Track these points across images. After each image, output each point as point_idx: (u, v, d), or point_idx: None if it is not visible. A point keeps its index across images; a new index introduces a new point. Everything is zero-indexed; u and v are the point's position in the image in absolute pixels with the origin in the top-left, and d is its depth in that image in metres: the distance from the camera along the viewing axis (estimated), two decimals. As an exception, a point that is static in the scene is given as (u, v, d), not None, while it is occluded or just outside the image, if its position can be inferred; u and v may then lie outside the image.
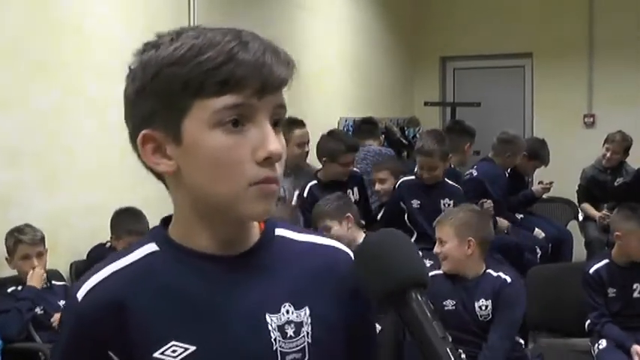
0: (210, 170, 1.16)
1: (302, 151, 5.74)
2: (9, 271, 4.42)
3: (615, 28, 8.70)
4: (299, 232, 1.35)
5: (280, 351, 1.22)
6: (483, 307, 3.72)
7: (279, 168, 1.18)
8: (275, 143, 1.16)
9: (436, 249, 3.83)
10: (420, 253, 1.22)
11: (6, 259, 4.36)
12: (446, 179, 5.16)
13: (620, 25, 8.67)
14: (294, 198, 5.50)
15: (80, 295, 1.20)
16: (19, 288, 4.24)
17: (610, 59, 8.76)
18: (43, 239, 4.36)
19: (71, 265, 4.85)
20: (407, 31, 9.55)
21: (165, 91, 1.15)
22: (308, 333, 1.25)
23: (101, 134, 5.06)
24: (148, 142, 1.19)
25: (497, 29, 9.18)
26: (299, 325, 1.24)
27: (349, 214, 4.45)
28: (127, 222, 4.71)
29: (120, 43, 5.15)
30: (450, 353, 1.10)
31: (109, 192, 5.16)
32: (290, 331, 1.23)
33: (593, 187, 7.06)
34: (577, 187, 7.22)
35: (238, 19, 6.29)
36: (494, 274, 3.79)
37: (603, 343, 4.18)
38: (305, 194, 5.36)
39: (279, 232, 1.31)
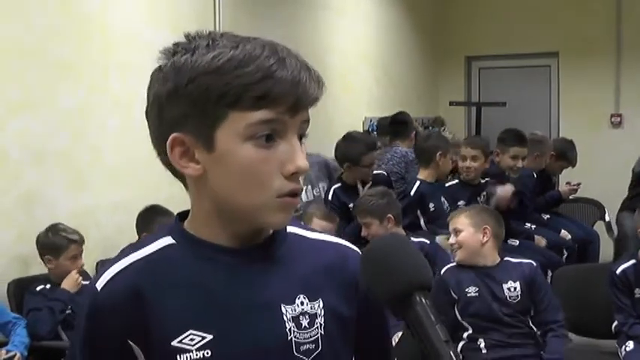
0: (240, 181, 1.20)
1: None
2: (35, 270, 4.44)
3: (643, 27, 8.62)
4: (309, 230, 1.39)
5: (295, 341, 1.25)
6: (512, 289, 3.79)
7: (302, 181, 1.24)
8: (303, 159, 1.21)
9: (451, 240, 3.90)
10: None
11: (46, 258, 4.28)
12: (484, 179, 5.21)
13: (648, 23, 8.59)
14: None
15: (99, 285, 1.24)
16: (48, 286, 4.23)
17: (638, 58, 8.67)
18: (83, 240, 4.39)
19: (97, 263, 4.85)
20: (432, 31, 9.52)
21: (201, 98, 1.18)
22: (321, 325, 1.28)
23: (126, 133, 5.08)
24: (177, 145, 1.22)
25: (522, 28, 9.13)
26: (313, 317, 1.28)
27: (390, 214, 4.49)
28: (155, 218, 4.52)
29: (145, 41, 5.18)
30: (453, 356, 1.11)
31: (135, 190, 5.18)
32: (304, 322, 1.27)
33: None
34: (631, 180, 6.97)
35: (263, 18, 6.30)
36: (515, 260, 3.91)
37: (630, 344, 4.14)
38: (330, 197, 5.34)
39: (291, 229, 1.35)
